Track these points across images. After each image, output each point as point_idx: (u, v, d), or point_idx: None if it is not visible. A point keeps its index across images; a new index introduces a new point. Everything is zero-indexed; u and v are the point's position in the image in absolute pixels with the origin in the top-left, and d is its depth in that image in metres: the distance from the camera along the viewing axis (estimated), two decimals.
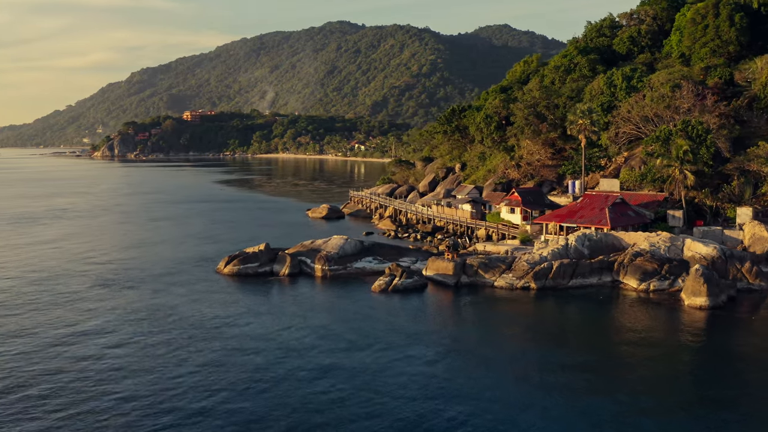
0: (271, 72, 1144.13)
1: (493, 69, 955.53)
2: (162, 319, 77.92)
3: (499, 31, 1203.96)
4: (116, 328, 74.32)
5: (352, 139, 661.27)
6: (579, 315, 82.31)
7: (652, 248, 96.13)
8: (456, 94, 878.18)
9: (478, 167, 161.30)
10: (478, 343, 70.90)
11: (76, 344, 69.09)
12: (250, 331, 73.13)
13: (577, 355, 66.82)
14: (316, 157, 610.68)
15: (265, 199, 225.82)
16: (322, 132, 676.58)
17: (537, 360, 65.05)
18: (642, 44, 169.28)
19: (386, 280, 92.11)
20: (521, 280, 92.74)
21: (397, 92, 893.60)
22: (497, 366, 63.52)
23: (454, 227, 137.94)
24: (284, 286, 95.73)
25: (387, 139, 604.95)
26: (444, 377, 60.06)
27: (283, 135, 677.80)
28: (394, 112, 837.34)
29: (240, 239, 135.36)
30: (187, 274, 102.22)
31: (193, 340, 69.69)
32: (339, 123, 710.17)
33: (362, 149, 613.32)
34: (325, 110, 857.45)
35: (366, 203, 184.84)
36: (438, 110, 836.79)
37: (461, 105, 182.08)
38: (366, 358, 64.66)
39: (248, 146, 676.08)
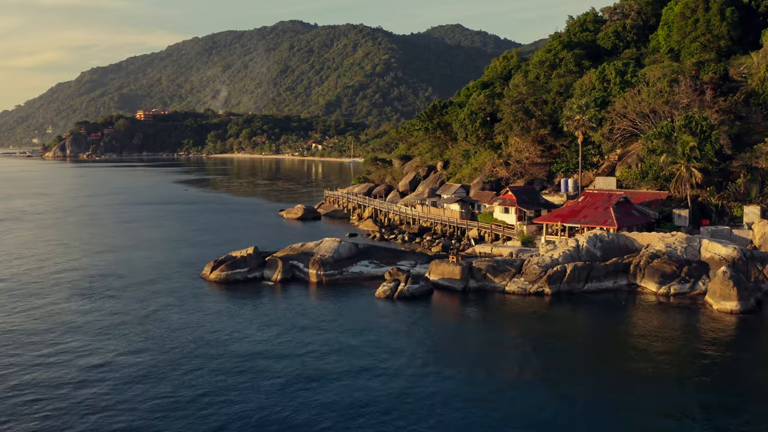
0: (223, 71, 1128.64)
1: (447, 69, 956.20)
2: (152, 334, 70.40)
3: (451, 31, 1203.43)
4: (102, 346, 66.51)
5: (308, 138, 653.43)
6: (604, 323, 76.69)
7: (668, 249, 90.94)
8: (410, 94, 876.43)
9: (462, 165, 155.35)
10: (508, 359, 65.04)
11: (56, 366, 61.26)
12: (256, 347, 65.92)
13: (615, 370, 61.02)
14: (273, 157, 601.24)
15: (233, 200, 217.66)
16: (278, 131, 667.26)
17: (575, 379, 59.23)
18: (627, 39, 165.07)
19: (391, 285, 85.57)
20: (534, 284, 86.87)
21: (351, 92, 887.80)
22: (535, 386, 57.92)
23: (443, 228, 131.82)
24: (279, 293, 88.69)
25: (345, 138, 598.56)
26: (484, 398, 53.97)
27: (238, 134, 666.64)
28: (348, 112, 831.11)
29: (217, 242, 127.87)
30: (171, 281, 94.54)
31: (193, 360, 62.26)
32: (295, 122, 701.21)
33: (320, 149, 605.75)
34: (278, 110, 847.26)
35: (342, 203, 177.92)
36: (392, 110, 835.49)
37: (442, 101, 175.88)
38: (397, 379, 58.16)
39: (203, 146, 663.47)
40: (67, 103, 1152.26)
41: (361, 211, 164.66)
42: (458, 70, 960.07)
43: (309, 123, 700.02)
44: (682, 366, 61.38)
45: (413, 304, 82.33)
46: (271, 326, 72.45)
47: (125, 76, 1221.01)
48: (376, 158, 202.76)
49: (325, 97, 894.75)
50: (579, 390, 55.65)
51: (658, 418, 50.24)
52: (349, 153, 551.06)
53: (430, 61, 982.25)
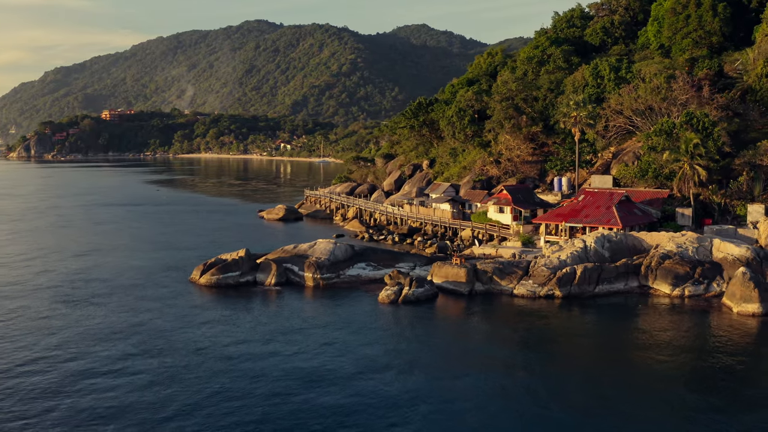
0: (188, 71, 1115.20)
1: (413, 68, 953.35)
2: (147, 345, 65.31)
3: (417, 30, 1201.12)
4: (94, 360, 61.43)
5: (276, 138, 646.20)
6: (622, 329, 72.79)
7: (679, 249, 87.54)
8: (376, 94, 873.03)
9: (450, 164, 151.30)
10: (529, 370, 60.99)
11: (44, 382, 56.19)
12: (263, 362, 60.92)
13: (641, 382, 57.02)
14: (241, 157, 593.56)
15: (208, 200, 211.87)
16: (245, 131, 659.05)
17: (599, 391, 55.41)
18: (616, 35, 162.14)
19: (394, 289, 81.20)
20: (543, 287, 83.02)
21: (317, 91, 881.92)
22: (557, 397, 54.05)
23: (434, 228, 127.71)
24: (275, 299, 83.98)
25: (314, 138, 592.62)
26: (517, 411, 49.87)
27: (205, 134, 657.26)
28: (314, 112, 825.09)
29: (200, 244, 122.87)
30: (159, 287, 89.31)
31: (197, 375, 57.40)
32: (262, 122, 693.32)
33: (288, 149, 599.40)
34: (244, 110, 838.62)
35: (324, 203, 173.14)
36: (358, 110, 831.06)
37: (428, 98, 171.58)
38: (427, 398, 53.83)
39: (169, 146, 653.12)
40: (30, 103, 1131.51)
41: (345, 211, 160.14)
42: (424, 69, 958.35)
43: (277, 123, 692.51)
44: (715, 378, 57.74)
45: (419, 309, 78.18)
46: (274, 336, 67.71)
47: (89, 75, 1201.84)
48: (358, 157, 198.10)
49: (291, 97, 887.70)
50: (603, 403, 51.93)
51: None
52: (318, 153, 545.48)
53: (397, 60, 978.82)
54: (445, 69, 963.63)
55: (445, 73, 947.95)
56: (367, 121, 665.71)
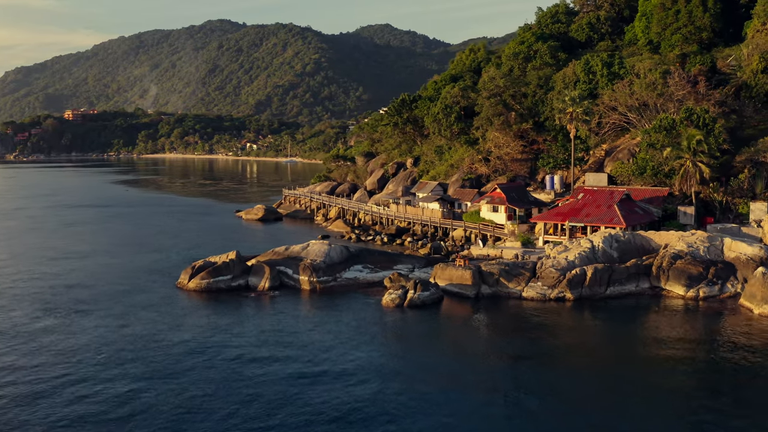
0: (151, 71, 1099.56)
1: (377, 68, 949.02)
2: (148, 361, 60.32)
3: (381, 30, 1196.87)
4: (86, 377, 56.38)
5: (242, 138, 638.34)
6: (641, 333, 69.18)
7: (690, 249, 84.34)
8: (341, 93, 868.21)
9: (435, 162, 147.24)
10: (550, 382, 57.14)
11: (26, 406, 51.25)
12: (275, 374, 56.40)
13: (670, 389, 53.91)
14: (206, 157, 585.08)
15: (181, 201, 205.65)
16: (210, 131, 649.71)
17: (623, 403, 51.82)
18: (602, 31, 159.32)
19: (398, 293, 76.99)
20: (553, 289, 79.34)
21: (281, 91, 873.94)
22: (581, 409, 50.08)
23: (423, 228, 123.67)
24: (272, 304, 79.30)
25: (281, 137, 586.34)
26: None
27: (169, 134, 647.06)
28: (278, 111, 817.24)
29: (181, 246, 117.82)
30: (146, 293, 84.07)
31: (210, 394, 52.77)
32: (227, 122, 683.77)
33: (254, 148, 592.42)
34: (207, 109, 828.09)
35: (304, 203, 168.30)
36: (322, 109, 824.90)
37: (411, 95, 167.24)
38: (448, 406, 49.84)
39: (133, 146, 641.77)
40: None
41: (326, 211, 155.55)
42: (388, 69, 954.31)
43: (242, 122, 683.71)
44: (750, 387, 54.26)
45: (426, 314, 74.18)
46: (281, 347, 63.07)
47: (50, 75, 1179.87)
48: (338, 155, 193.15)
49: (255, 97, 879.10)
50: (630, 415, 48.26)
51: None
52: (285, 153, 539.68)
53: (360, 60, 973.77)
54: (409, 69, 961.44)
55: (409, 72, 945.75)
56: (331, 120, 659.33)
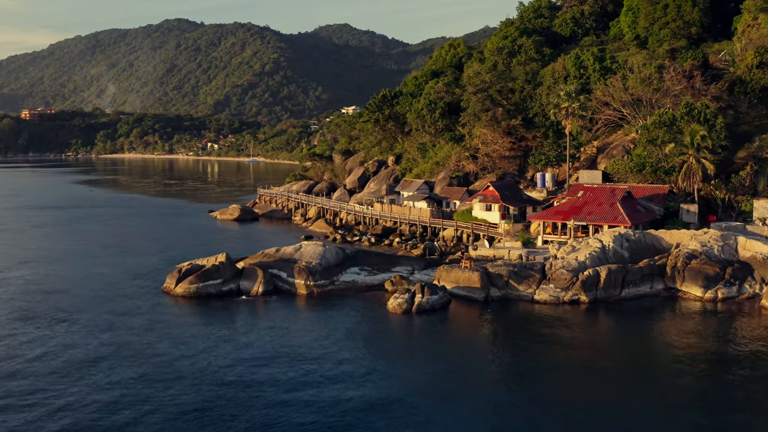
0: (108, 70, 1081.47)
1: (336, 68, 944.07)
2: (143, 376, 55.00)
3: (339, 30, 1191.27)
4: (88, 401, 50.82)
5: (202, 138, 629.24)
6: (666, 338, 65.30)
7: (704, 248, 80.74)
8: (300, 93, 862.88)
9: (418, 160, 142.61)
10: (580, 395, 52.82)
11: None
12: (289, 392, 51.43)
13: (706, 399, 50.31)
14: (166, 157, 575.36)
15: (150, 201, 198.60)
16: (170, 131, 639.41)
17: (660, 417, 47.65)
18: (586, 26, 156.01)
19: (405, 297, 72.21)
20: (567, 292, 75.19)
21: (240, 91, 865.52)
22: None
23: (411, 228, 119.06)
24: (268, 310, 74.11)
25: (243, 137, 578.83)
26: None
27: (129, 134, 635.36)
28: (237, 111, 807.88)
29: (158, 248, 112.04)
30: (130, 299, 78.17)
31: (222, 413, 47.59)
32: (187, 122, 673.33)
33: (216, 148, 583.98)
34: (165, 109, 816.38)
35: (281, 202, 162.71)
36: (282, 109, 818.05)
37: (392, 91, 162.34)
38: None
39: (92, 146, 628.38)
40: None
41: (305, 211, 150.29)
42: (348, 69, 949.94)
43: (202, 122, 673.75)
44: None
45: (437, 320, 69.68)
46: (288, 359, 57.81)
47: (5, 75, 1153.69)
48: (314, 153, 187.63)
49: (213, 97, 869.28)
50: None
51: None
52: (247, 152, 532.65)
53: (319, 60, 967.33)
54: (369, 68, 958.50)
55: (369, 72, 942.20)
56: (291, 120, 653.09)
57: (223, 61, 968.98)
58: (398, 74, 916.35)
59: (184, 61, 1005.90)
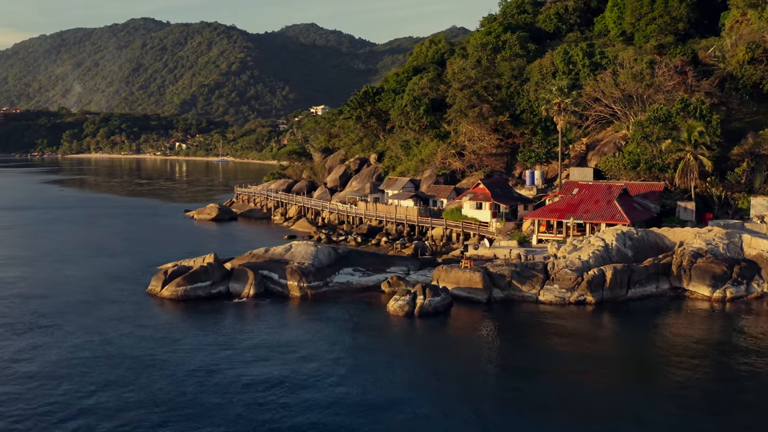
0: (73, 69, 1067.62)
1: (304, 67, 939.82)
2: (139, 386, 51.30)
3: (306, 30, 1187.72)
4: (77, 410, 47.15)
5: (170, 137, 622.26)
6: (682, 340, 62.32)
7: (709, 247, 78.40)
8: (267, 93, 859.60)
9: (401, 157, 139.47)
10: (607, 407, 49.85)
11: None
12: (298, 405, 48.11)
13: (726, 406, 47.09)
14: (133, 157, 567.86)
15: (122, 201, 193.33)
16: (137, 131, 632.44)
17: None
18: (570, 22, 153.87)
19: (406, 299, 68.98)
20: (573, 292, 72.46)
21: (207, 91, 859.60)
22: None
23: (398, 227, 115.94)
24: (261, 314, 70.32)
25: (211, 136, 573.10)
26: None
27: (95, 134, 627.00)
28: (203, 111, 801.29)
29: (136, 249, 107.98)
30: (116, 303, 73.99)
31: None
32: (154, 121, 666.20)
33: (184, 148, 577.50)
34: (131, 109, 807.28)
35: (260, 201, 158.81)
36: (249, 109, 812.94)
37: (374, 87, 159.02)
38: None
39: (58, 146, 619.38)
40: None
41: (284, 210, 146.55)
42: (315, 69, 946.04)
43: (169, 122, 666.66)
44: None
45: (441, 323, 66.68)
46: (288, 371, 54.29)
47: None
48: (293, 151, 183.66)
49: (180, 96, 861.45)
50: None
51: None
52: (216, 152, 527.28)
53: (287, 60, 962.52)
54: (336, 68, 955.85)
55: (336, 72, 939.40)
56: (258, 120, 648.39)
57: (189, 61, 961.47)
58: (366, 74, 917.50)
59: (150, 60, 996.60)
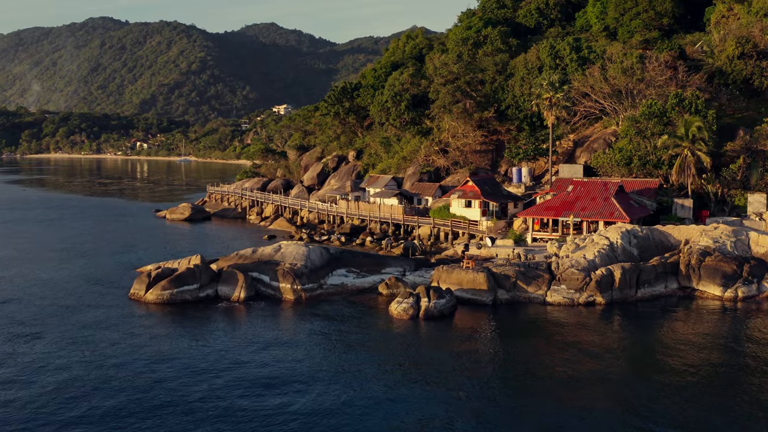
0: (31, 69, 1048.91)
1: (264, 67, 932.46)
2: (131, 401, 47.08)
3: (266, 29, 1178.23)
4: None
5: (131, 137, 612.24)
6: (698, 342, 59.53)
7: (716, 245, 75.73)
8: (227, 92, 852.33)
9: (381, 155, 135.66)
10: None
11: None
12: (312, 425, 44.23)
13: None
14: (94, 157, 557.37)
15: (89, 201, 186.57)
16: (97, 130, 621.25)
17: None
18: (551, 17, 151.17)
19: (410, 302, 65.28)
20: (582, 293, 69.31)
21: (166, 90, 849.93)
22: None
23: (382, 226, 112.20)
24: (256, 319, 66.03)
25: (173, 136, 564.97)
26: None
27: (54, 134, 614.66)
28: (163, 111, 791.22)
29: (112, 251, 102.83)
30: (97, 308, 69.02)
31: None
32: (115, 121, 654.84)
33: (145, 147, 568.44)
34: (90, 109, 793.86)
35: (234, 201, 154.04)
36: (209, 108, 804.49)
37: (352, 83, 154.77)
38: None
39: (16, 146, 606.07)
40: None
41: (260, 209, 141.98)
42: (275, 68, 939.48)
43: (130, 121, 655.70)
44: None
45: (448, 326, 63.19)
46: (299, 382, 50.44)
47: None
48: (267, 149, 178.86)
49: (139, 96, 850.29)
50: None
51: None
52: (178, 151, 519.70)
53: (247, 59, 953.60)
54: (297, 68, 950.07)
55: (297, 71, 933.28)
56: (219, 119, 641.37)
57: (148, 60, 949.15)
58: (326, 73, 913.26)
59: (108, 59, 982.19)
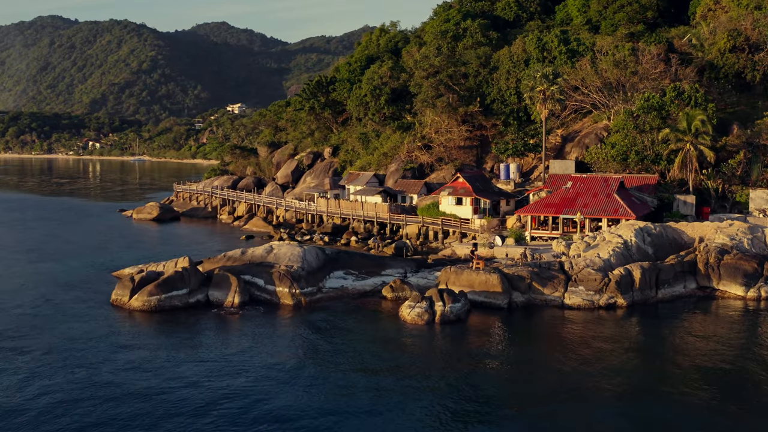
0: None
1: (215, 66, 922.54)
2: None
3: (217, 28, 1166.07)
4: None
5: (82, 136, 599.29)
6: (732, 344, 55.83)
7: (733, 242, 72.21)
8: (179, 92, 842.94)
9: (359, 151, 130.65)
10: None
11: None
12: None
13: None
14: (45, 157, 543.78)
15: (48, 201, 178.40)
16: (48, 130, 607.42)
17: None
18: (531, 10, 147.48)
19: (423, 306, 60.47)
20: (602, 294, 65.19)
21: (117, 89, 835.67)
22: None
23: (366, 225, 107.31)
24: (256, 326, 60.56)
25: (127, 135, 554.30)
26: None
27: (4, 133, 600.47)
28: (114, 110, 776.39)
29: (82, 253, 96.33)
30: (78, 317, 62.68)
31: None
32: (66, 120, 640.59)
33: (98, 147, 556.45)
34: (39, 108, 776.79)
35: (203, 199, 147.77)
36: (160, 108, 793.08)
37: (328, 76, 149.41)
38: None
39: None
40: None
41: (232, 208, 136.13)
42: (227, 68, 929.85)
43: (81, 121, 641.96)
44: None
45: (467, 331, 58.77)
46: (316, 404, 45.45)
47: None
48: (236, 146, 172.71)
49: (89, 95, 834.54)
50: None
51: None
52: (132, 151, 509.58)
53: (198, 58, 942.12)
54: (249, 67, 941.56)
55: (249, 71, 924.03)
56: (171, 119, 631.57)
57: (99, 59, 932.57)
58: (278, 73, 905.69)
59: (58, 58, 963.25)
